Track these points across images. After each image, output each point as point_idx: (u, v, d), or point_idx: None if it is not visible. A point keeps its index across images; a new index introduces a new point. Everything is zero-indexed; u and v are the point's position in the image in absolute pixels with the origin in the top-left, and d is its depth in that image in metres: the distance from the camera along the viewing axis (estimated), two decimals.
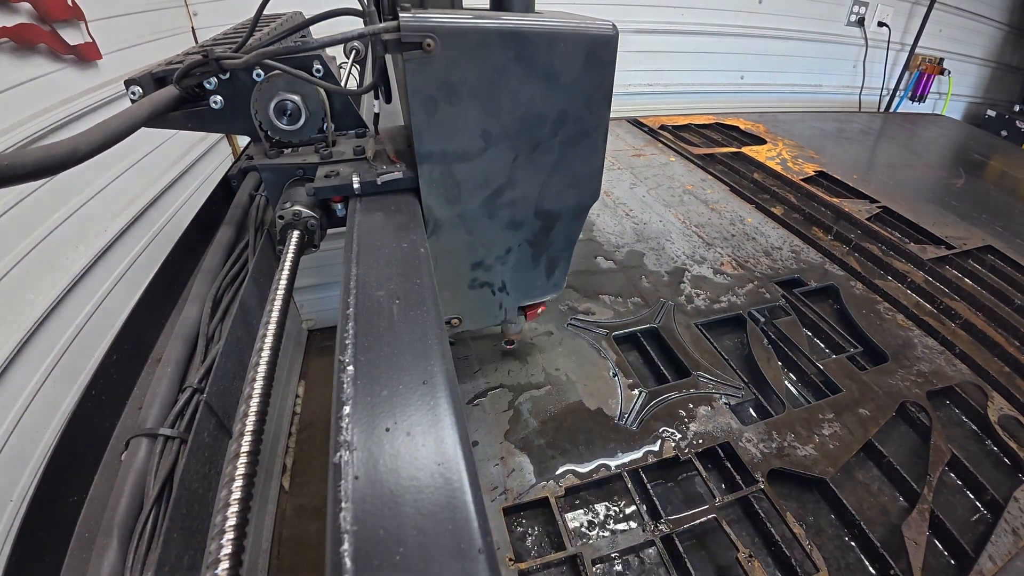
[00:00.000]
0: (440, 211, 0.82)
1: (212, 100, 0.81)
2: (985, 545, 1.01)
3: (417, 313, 0.55)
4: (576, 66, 0.72)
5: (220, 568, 0.33)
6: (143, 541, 0.80)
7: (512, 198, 0.84)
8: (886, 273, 1.80)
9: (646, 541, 0.95)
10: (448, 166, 0.77)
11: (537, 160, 0.81)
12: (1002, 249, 1.94)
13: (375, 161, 0.80)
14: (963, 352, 1.46)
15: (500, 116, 0.74)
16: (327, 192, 0.75)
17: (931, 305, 1.66)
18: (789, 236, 1.98)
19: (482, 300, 1.01)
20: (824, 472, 1.08)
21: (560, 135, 0.79)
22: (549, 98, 0.74)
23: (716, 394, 1.24)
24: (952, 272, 1.81)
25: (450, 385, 0.46)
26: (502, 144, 0.77)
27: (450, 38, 0.65)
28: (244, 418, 0.43)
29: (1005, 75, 4.83)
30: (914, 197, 2.39)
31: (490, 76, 0.70)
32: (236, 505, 0.37)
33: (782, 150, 2.75)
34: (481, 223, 0.87)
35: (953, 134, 3.57)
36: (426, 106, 0.70)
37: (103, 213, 1.87)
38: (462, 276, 0.95)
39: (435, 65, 0.67)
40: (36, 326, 1.46)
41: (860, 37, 4.10)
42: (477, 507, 0.36)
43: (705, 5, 3.52)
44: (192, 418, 1.01)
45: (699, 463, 1.08)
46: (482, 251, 0.92)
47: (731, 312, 1.51)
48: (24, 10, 1.73)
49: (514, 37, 0.68)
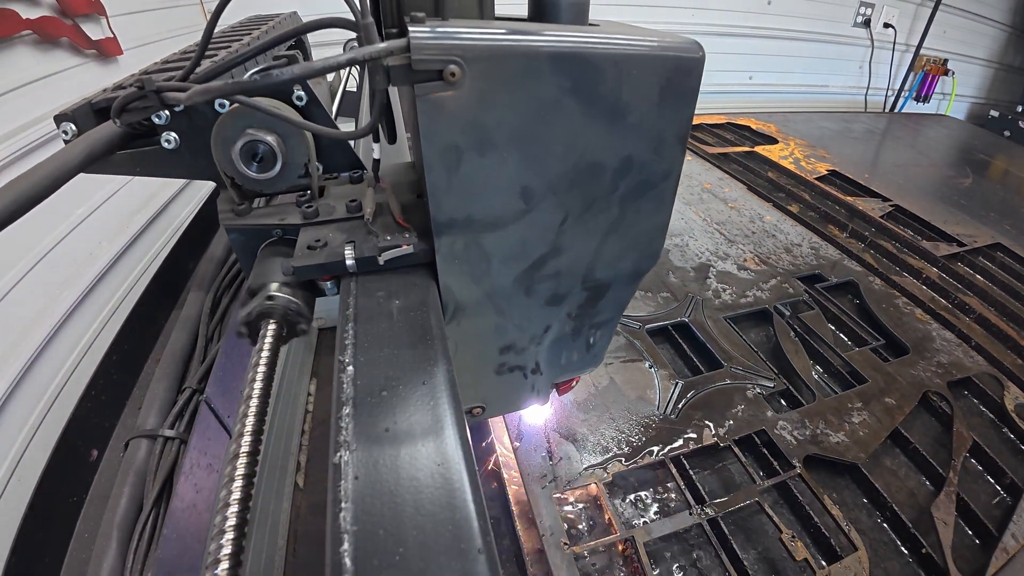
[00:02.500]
0: (463, 292, 0.65)
1: (164, 138, 0.63)
2: (1007, 525, 1.07)
3: (417, 313, 0.52)
4: (650, 99, 0.56)
5: (220, 568, 0.34)
6: (143, 541, 0.81)
7: (556, 269, 0.67)
8: (901, 269, 1.86)
9: (694, 524, 1.00)
10: (475, 236, 0.59)
11: (591, 220, 0.64)
12: (1011, 247, 2.00)
13: (375, 223, 0.62)
14: (979, 344, 1.52)
15: (547, 168, 0.57)
16: (311, 272, 0.58)
17: (946, 300, 1.72)
18: (807, 233, 2.04)
19: (511, 385, 0.85)
20: (856, 458, 1.14)
21: (622, 188, 0.62)
22: (612, 141, 0.58)
23: (749, 384, 1.30)
24: (964, 268, 1.88)
25: (450, 385, 0.45)
26: (547, 203, 0.60)
27: (483, 63, 0.48)
28: (244, 418, 0.43)
29: (1008, 76, 4.91)
30: (924, 195, 2.46)
31: (536, 115, 0.53)
32: (236, 505, 0.37)
33: (794, 149, 2.81)
34: (515, 301, 0.69)
35: (957, 134, 3.65)
36: (446, 159, 0.53)
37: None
38: (488, 362, 0.79)
39: (461, 102, 0.49)
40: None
41: (866, 38, 4.16)
42: (477, 507, 0.36)
43: (715, 6, 3.58)
44: (192, 418, 1.02)
45: (738, 450, 1.13)
46: (514, 333, 0.75)
47: (757, 306, 1.57)
48: (46, 3, 1.73)
49: (572, 61, 0.51)
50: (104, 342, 1.09)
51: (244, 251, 0.66)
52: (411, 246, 0.59)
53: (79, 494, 0.91)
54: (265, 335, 0.54)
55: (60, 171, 0.49)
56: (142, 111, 0.60)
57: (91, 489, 0.93)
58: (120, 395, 1.10)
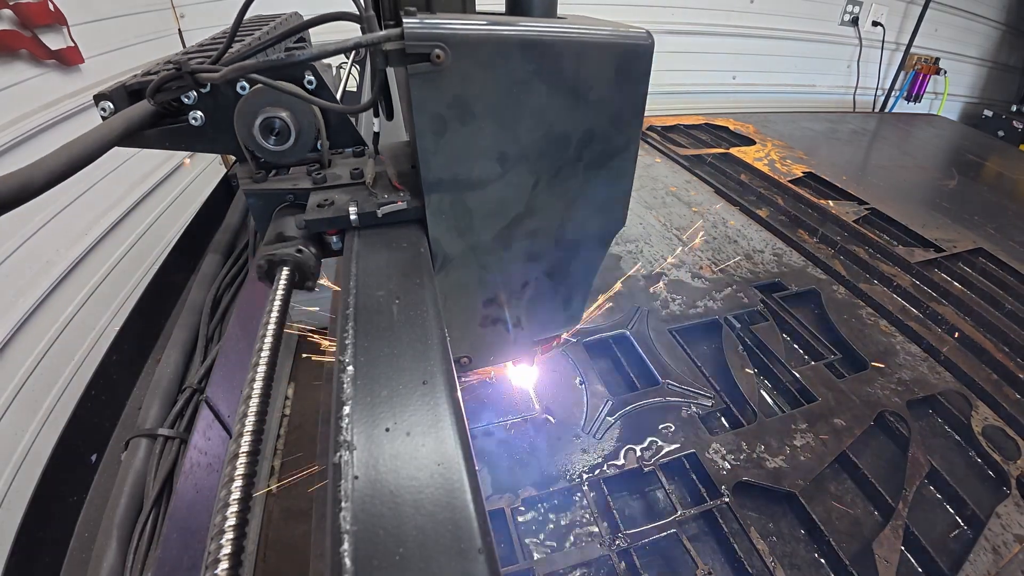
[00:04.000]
0: (450, 245, 0.74)
1: (191, 116, 0.72)
2: (963, 564, 0.96)
3: (417, 313, 0.54)
4: (606, 79, 0.65)
5: (220, 568, 0.34)
6: (143, 541, 0.81)
7: (531, 228, 0.76)
8: (871, 277, 1.75)
9: (602, 556, 0.91)
10: (459, 194, 0.69)
11: (560, 185, 0.73)
12: (993, 252, 1.89)
13: (375, 187, 0.72)
14: (948, 359, 1.41)
15: (519, 137, 0.66)
16: (320, 225, 0.67)
17: (917, 310, 1.61)
18: (772, 239, 1.93)
19: (495, 337, 0.92)
20: (794, 485, 1.03)
21: (586, 157, 0.71)
22: (575, 116, 0.66)
23: (685, 403, 1.20)
24: (940, 275, 1.77)
25: (450, 385, 0.46)
26: (521, 168, 0.69)
27: (464, 48, 0.57)
28: (244, 418, 0.43)
29: (1002, 75, 4.77)
30: (904, 199, 2.34)
31: (509, 92, 0.62)
32: (236, 505, 0.37)
33: (771, 151, 2.71)
34: (496, 256, 0.78)
35: (948, 134, 3.52)
36: (434, 127, 0.62)
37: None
38: (473, 313, 0.86)
39: (445, 79, 0.59)
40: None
41: (854, 37, 4.05)
42: (477, 507, 0.36)
43: (696, 5, 3.49)
44: (192, 418, 1.02)
45: (663, 475, 1.03)
46: (496, 286, 0.84)
47: (707, 317, 1.47)
48: (6, 16, 1.71)
49: (538, 47, 0.60)
50: (105, 341, 1.08)
51: (260, 214, 0.74)
52: (405, 203, 0.69)
53: (79, 494, 0.91)
54: (279, 282, 0.60)
55: (102, 140, 0.55)
56: (176, 91, 0.68)
57: (91, 489, 0.93)
58: (120, 395, 1.09)
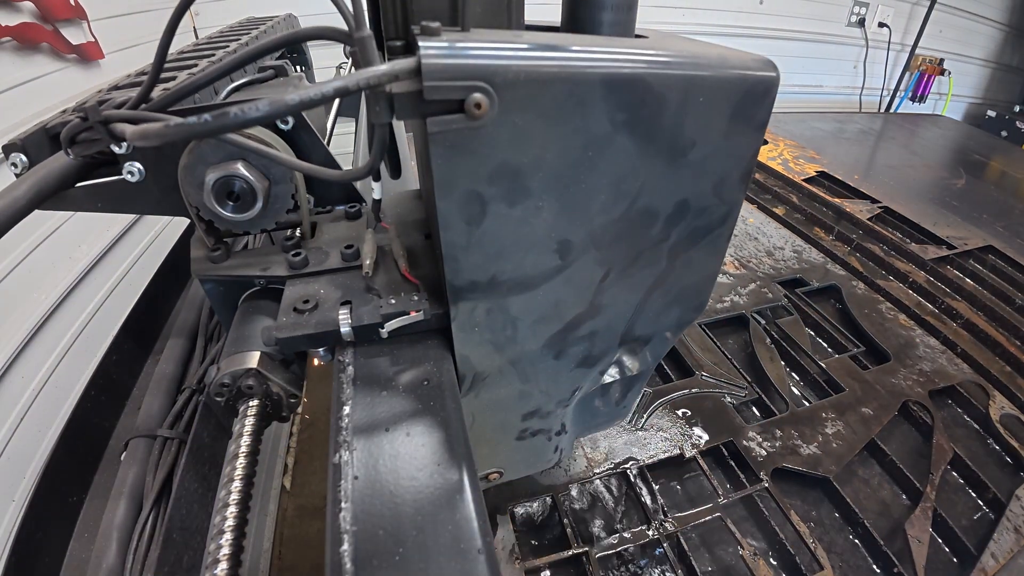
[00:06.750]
0: (483, 362, 0.55)
1: (127, 170, 0.53)
2: (987, 543, 1.02)
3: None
4: (717, 130, 0.46)
5: (219, 568, 0.34)
6: (142, 541, 0.80)
7: (592, 329, 0.58)
8: (888, 273, 1.81)
9: (652, 539, 0.95)
10: (500, 299, 0.50)
11: (635, 275, 0.55)
12: (1003, 249, 1.95)
13: (375, 276, 0.53)
14: (964, 351, 1.47)
15: (590, 217, 0.47)
16: (297, 344, 0.48)
17: (932, 305, 1.67)
18: (791, 236, 1.99)
19: (533, 449, 0.77)
20: (827, 471, 1.09)
21: (674, 237, 0.53)
22: (668, 183, 0.48)
23: (719, 393, 1.25)
24: (953, 272, 1.82)
25: (450, 386, 0.44)
26: (587, 258, 0.50)
27: (519, 91, 0.37)
28: (243, 418, 0.43)
29: (1005, 76, 4.84)
30: (915, 197, 2.40)
31: (582, 154, 0.43)
32: (235, 505, 0.37)
33: (783, 150, 2.76)
34: (542, 366, 0.60)
35: (953, 135, 3.59)
36: (467, 213, 0.42)
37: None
38: (509, 429, 0.70)
39: (486, 140, 0.39)
40: None
41: (861, 38, 4.11)
42: (477, 507, 0.36)
43: (706, 6, 3.54)
44: (191, 419, 1.00)
45: (703, 461, 1.08)
46: (540, 398, 0.66)
47: (734, 312, 1.52)
48: (26, 9, 1.73)
49: (631, 88, 0.40)
50: (108, 336, 1.09)
51: (221, 303, 0.56)
52: (421, 311, 0.48)
53: (79, 494, 0.91)
54: (245, 416, 0.46)
55: (5, 214, 0.43)
56: (92, 143, 0.50)
57: (91, 489, 0.92)
58: (120, 395, 1.09)
